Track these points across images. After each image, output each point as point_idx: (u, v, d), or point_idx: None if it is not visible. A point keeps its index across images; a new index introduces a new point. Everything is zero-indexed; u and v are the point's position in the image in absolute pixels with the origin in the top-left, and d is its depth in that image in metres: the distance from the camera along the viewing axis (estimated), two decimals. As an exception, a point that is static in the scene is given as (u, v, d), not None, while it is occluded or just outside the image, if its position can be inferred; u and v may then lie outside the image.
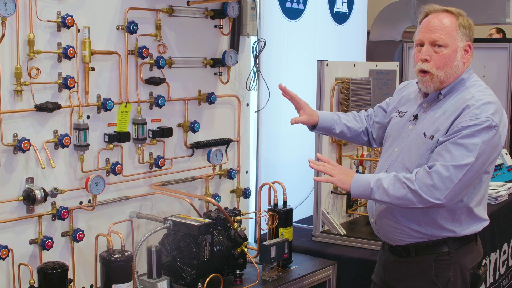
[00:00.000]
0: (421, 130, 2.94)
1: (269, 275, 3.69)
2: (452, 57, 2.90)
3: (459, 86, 2.95)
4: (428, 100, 3.02)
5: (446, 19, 2.91)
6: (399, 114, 3.15)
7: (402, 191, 2.80)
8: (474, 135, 2.77)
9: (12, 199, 3.07)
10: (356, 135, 3.44)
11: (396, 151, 3.04)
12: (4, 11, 2.83)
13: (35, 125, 3.13)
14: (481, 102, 2.83)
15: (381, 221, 3.08)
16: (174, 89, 3.75)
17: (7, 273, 3.09)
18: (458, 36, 2.91)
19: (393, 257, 3.11)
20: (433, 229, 2.94)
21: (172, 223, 3.45)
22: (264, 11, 4.37)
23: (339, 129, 3.39)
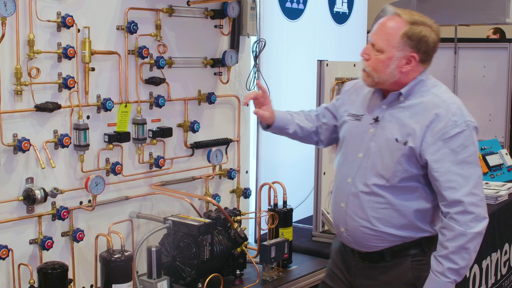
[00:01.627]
0: (390, 135, 2.84)
1: (269, 275, 3.69)
2: (386, 63, 2.81)
3: (419, 87, 2.86)
4: (388, 102, 2.91)
5: (393, 25, 2.80)
6: (355, 118, 3.02)
7: (467, 249, 2.73)
8: (465, 145, 2.75)
9: (12, 199, 3.08)
10: (308, 135, 3.31)
11: (360, 157, 2.93)
12: (4, 11, 2.83)
13: (35, 125, 3.13)
14: (454, 106, 2.79)
15: (354, 229, 2.94)
16: (174, 89, 3.75)
17: (7, 273, 3.09)
18: (398, 45, 2.78)
19: (364, 263, 3.01)
20: (410, 231, 2.88)
21: (172, 223, 3.45)
22: (264, 11, 4.37)
23: (292, 129, 3.26)
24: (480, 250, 2.91)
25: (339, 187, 3.04)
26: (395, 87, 2.88)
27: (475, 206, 2.73)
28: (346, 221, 2.97)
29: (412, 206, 2.86)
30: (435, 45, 2.86)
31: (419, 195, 2.86)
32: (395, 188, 2.85)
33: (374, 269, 2.98)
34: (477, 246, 2.77)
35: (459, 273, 2.77)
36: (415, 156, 2.80)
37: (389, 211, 2.87)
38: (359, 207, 2.91)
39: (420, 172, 2.83)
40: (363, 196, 2.90)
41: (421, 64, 2.85)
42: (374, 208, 2.88)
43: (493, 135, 6.91)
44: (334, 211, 3.08)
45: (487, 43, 7.58)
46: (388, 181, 2.84)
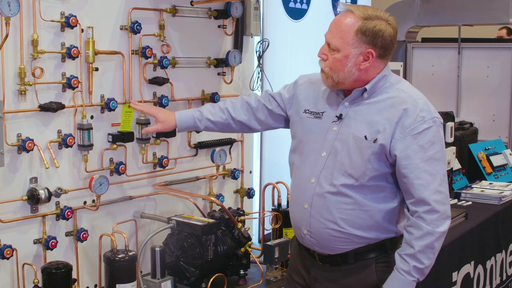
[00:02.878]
0: (357, 132, 2.79)
1: (273, 275, 3.69)
2: (343, 62, 2.75)
3: (382, 82, 2.82)
4: (351, 98, 2.85)
5: (345, 21, 2.75)
6: (315, 115, 2.95)
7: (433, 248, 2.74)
8: (433, 142, 2.73)
9: (16, 199, 3.08)
10: (224, 127, 3.27)
11: (323, 156, 2.86)
12: (7, 11, 2.83)
13: (39, 125, 3.13)
14: (421, 102, 2.77)
15: (319, 231, 2.87)
16: (177, 89, 3.75)
17: (11, 273, 3.10)
18: (353, 42, 2.73)
19: (325, 266, 2.95)
20: (377, 232, 2.85)
21: (176, 223, 3.45)
22: (268, 11, 4.37)
23: (202, 125, 3.24)
24: (483, 250, 2.89)
25: (300, 187, 2.94)
26: (356, 85, 2.83)
27: (441, 204, 2.72)
28: (309, 223, 2.90)
29: (380, 206, 2.82)
30: (392, 39, 2.79)
31: (387, 194, 2.83)
32: (363, 188, 2.80)
33: (336, 272, 2.93)
34: (440, 245, 2.77)
35: (423, 272, 2.76)
36: (385, 153, 2.76)
37: (356, 212, 2.82)
38: (325, 208, 2.84)
39: (389, 170, 2.79)
40: (330, 196, 2.83)
41: (380, 59, 2.80)
42: (341, 209, 2.82)
43: (497, 135, 6.91)
44: (295, 213, 2.99)
45: (490, 43, 7.57)
46: (357, 180, 2.79)
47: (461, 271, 4.26)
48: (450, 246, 4.10)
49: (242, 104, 3.26)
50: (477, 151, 5.90)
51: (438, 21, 7.61)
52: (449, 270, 4.12)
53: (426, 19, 7.56)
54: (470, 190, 5.29)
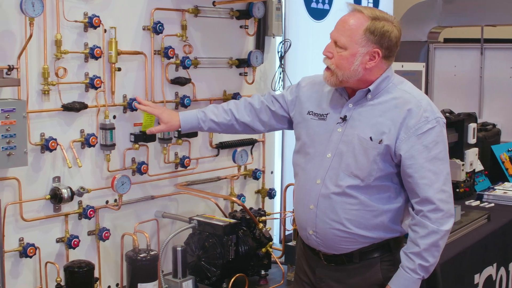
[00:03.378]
0: (362, 133, 2.80)
1: (294, 276, 3.68)
2: (349, 60, 2.77)
3: (386, 83, 2.84)
4: (355, 100, 2.86)
5: (354, 21, 2.78)
6: (319, 117, 2.96)
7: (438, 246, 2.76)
8: (436, 141, 2.75)
9: (39, 198, 3.10)
10: (228, 128, 3.27)
11: (329, 157, 2.87)
12: (32, 12, 2.85)
13: (62, 125, 3.15)
14: (424, 102, 2.79)
15: (325, 232, 2.89)
16: (199, 89, 3.76)
17: (34, 271, 3.12)
18: (361, 41, 2.75)
19: (330, 266, 2.97)
20: (381, 232, 2.87)
21: (197, 223, 3.46)
22: (290, 12, 4.36)
23: (206, 126, 3.22)
24: (506, 252, 2.86)
25: (306, 188, 2.96)
26: (359, 85, 2.85)
27: (445, 203, 2.75)
28: (315, 223, 2.91)
29: (385, 206, 2.84)
30: (397, 41, 2.83)
31: (391, 194, 2.85)
32: (369, 188, 2.81)
33: (341, 271, 2.95)
34: (444, 243, 2.80)
35: (428, 270, 2.78)
36: (390, 154, 2.78)
37: (362, 212, 2.83)
38: (331, 209, 2.86)
39: (394, 170, 2.82)
40: (335, 197, 2.84)
41: (385, 60, 2.82)
42: (346, 209, 2.84)
43: (520, 137, 6.86)
44: (301, 213, 3.01)
45: (511, 44, 7.53)
46: (363, 180, 2.81)
47: (483, 273, 4.22)
48: (472, 248, 4.07)
49: (246, 106, 3.26)
50: (500, 153, 5.85)
51: (461, 21, 7.58)
52: (471, 272, 4.09)
53: (448, 19, 7.52)
54: (492, 191, 5.26)
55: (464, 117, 5.38)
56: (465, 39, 7.83)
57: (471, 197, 5.29)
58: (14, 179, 2.98)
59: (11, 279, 3.04)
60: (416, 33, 7.69)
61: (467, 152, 5.28)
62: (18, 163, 2.89)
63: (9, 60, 2.91)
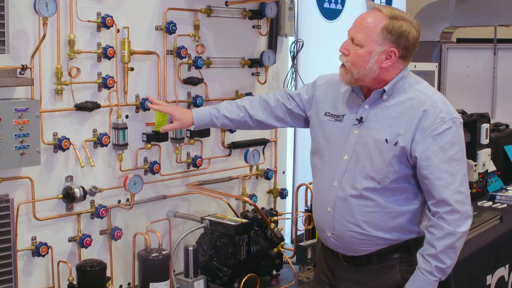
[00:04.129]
0: (378, 135, 2.79)
1: (306, 276, 3.68)
2: (365, 58, 2.75)
3: (401, 84, 2.82)
4: (371, 101, 2.85)
5: (372, 19, 2.76)
6: (335, 118, 2.95)
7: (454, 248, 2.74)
8: (453, 142, 2.73)
9: (52, 197, 3.11)
10: (241, 124, 3.25)
11: (345, 159, 2.86)
12: (45, 12, 2.86)
13: (74, 124, 3.16)
14: (440, 102, 2.77)
15: (343, 234, 2.88)
16: (212, 89, 3.76)
17: (47, 270, 3.13)
18: (378, 39, 2.73)
19: (349, 267, 2.96)
20: (400, 234, 2.85)
21: (209, 222, 3.46)
22: (302, 12, 4.36)
23: (219, 122, 3.20)
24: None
25: (323, 190, 2.94)
26: (374, 85, 2.83)
27: (462, 204, 2.72)
28: (333, 226, 2.90)
29: (402, 208, 2.82)
30: (415, 42, 2.80)
31: (408, 196, 2.83)
32: (385, 190, 2.80)
33: (360, 272, 2.93)
34: (462, 245, 2.77)
35: (445, 272, 2.75)
36: (406, 155, 2.76)
37: (379, 215, 2.82)
38: (348, 211, 2.85)
39: (410, 172, 2.79)
40: (352, 200, 2.83)
41: (401, 60, 2.80)
42: (363, 212, 2.82)
43: (533, 137, 6.82)
44: (319, 215, 2.99)
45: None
46: (379, 183, 2.79)
47: (495, 274, 4.21)
48: (484, 249, 4.06)
49: (260, 102, 3.24)
50: (513, 153, 5.84)
51: (474, 21, 7.56)
52: (483, 273, 4.08)
53: (461, 19, 7.50)
54: (505, 192, 5.24)
55: (477, 118, 5.37)
56: (478, 39, 7.81)
57: (483, 197, 5.27)
58: (27, 178, 3.00)
59: (23, 278, 3.05)
60: (429, 33, 7.66)
61: (479, 152, 5.27)
62: (31, 162, 2.90)
63: (23, 60, 2.92)
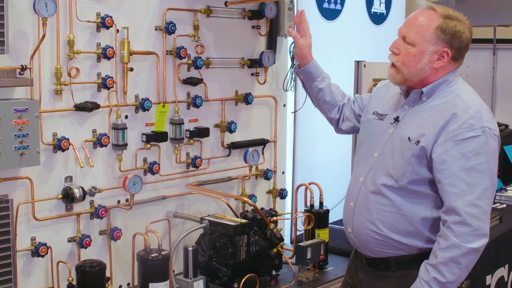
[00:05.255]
0: (405, 134, 2.74)
1: (305, 276, 3.68)
2: (417, 58, 2.70)
3: (443, 87, 2.75)
4: (410, 101, 2.81)
5: (426, 18, 2.70)
6: (379, 117, 2.94)
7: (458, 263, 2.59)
8: (478, 152, 2.60)
9: (51, 197, 3.12)
10: (332, 104, 3.23)
11: (375, 156, 2.84)
12: (45, 12, 2.86)
13: (74, 125, 3.16)
14: (474, 109, 2.64)
15: (360, 231, 2.85)
16: (211, 89, 3.76)
17: (46, 270, 3.13)
18: (431, 39, 2.68)
19: (370, 270, 2.90)
20: (417, 240, 2.75)
21: (208, 223, 3.46)
22: (302, 12, 4.36)
23: (322, 84, 3.17)
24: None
25: (351, 186, 2.95)
26: (420, 86, 2.78)
27: (475, 219, 2.57)
28: (352, 221, 2.88)
29: (420, 213, 2.72)
30: (468, 43, 2.75)
31: (430, 203, 2.72)
32: (404, 191, 2.73)
33: (379, 277, 2.88)
34: (471, 263, 2.63)
35: (445, 286, 2.61)
36: (426, 157, 2.68)
37: (395, 216, 2.76)
38: (366, 207, 2.82)
39: (431, 176, 2.69)
40: (371, 196, 2.80)
41: (453, 62, 2.75)
42: (379, 210, 2.78)
43: (533, 139, 6.82)
44: (344, 211, 2.98)
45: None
46: (397, 181, 2.73)
47: (495, 275, 4.21)
48: (484, 249, 4.05)
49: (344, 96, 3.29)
50: (512, 153, 5.83)
51: (473, 21, 7.46)
52: (483, 273, 4.07)
53: (461, 19, 7.49)
54: (504, 192, 5.23)
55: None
56: (478, 39, 7.77)
57: (483, 198, 5.25)
58: (27, 178, 3.00)
59: (23, 278, 3.05)
60: (429, 33, 7.65)
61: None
62: (31, 162, 2.90)
63: (22, 60, 2.92)
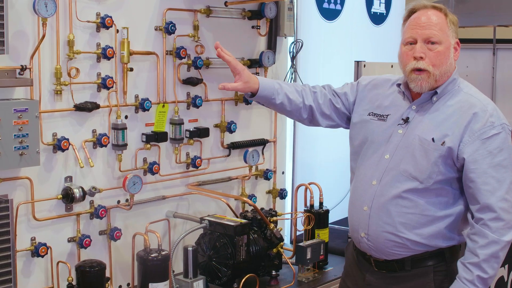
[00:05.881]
0: (425, 135, 2.73)
1: (305, 276, 3.68)
2: (446, 54, 2.74)
3: (452, 86, 2.79)
4: (420, 102, 2.80)
5: (437, 15, 2.75)
6: (378, 118, 2.90)
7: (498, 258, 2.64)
8: (501, 148, 2.65)
9: (51, 197, 3.12)
10: (296, 109, 3.04)
11: (387, 158, 2.80)
12: (44, 12, 2.86)
13: (74, 125, 3.17)
14: (490, 107, 2.71)
15: (376, 235, 2.80)
16: (211, 89, 3.76)
17: (46, 270, 3.13)
18: (450, 33, 2.75)
19: (380, 272, 2.87)
20: (436, 240, 2.75)
21: (208, 223, 3.46)
22: (301, 12, 4.37)
23: (279, 99, 2.98)
24: None
25: (360, 189, 2.89)
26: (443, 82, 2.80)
27: (507, 213, 2.63)
28: (368, 225, 2.83)
29: (442, 212, 2.74)
30: None
31: (449, 200, 2.75)
32: (427, 192, 2.73)
33: (391, 278, 2.85)
34: (505, 255, 2.67)
35: (486, 282, 2.65)
36: (451, 157, 2.69)
37: (417, 217, 2.74)
38: (385, 211, 2.77)
39: (455, 175, 2.71)
40: (391, 199, 2.76)
41: None
42: (401, 213, 2.75)
43: (532, 139, 6.81)
44: (354, 215, 2.92)
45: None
46: (422, 183, 2.72)
47: (495, 275, 4.21)
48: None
49: (311, 93, 3.10)
50: (512, 154, 5.82)
51: (473, 21, 7.54)
52: (482, 273, 4.07)
53: (461, 19, 7.41)
54: (504, 192, 5.22)
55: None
56: (478, 40, 7.80)
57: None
58: (26, 178, 3.00)
59: (23, 278, 3.05)
60: (428, 33, 7.65)
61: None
62: (31, 162, 2.90)
63: (22, 60, 2.93)
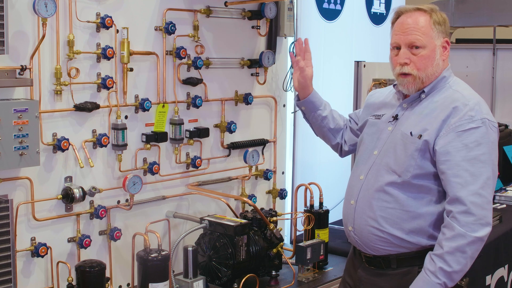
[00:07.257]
0: (406, 130, 2.79)
1: (305, 276, 3.68)
2: (431, 57, 2.78)
3: (441, 84, 2.83)
4: (409, 100, 2.87)
5: (420, 18, 2.78)
6: (375, 117, 3.01)
7: (464, 252, 2.61)
8: (479, 142, 2.66)
9: (51, 197, 3.12)
10: (337, 130, 3.29)
11: (375, 154, 2.88)
12: (44, 12, 2.86)
13: (74, 125, 3.17)
14: (473, 102, 2.73)
15: (361, 229, 2.86)
16: (211, 89, 3.76)
17: (46, 271, 3.13)
18: (434, 34, 2.78)
19: (370, 269, 2.91)
20: (419, 237, 2.77)
21: (208, 223, 3.46)
22: (301, 12, 4.36)
23: (325, 113, 3.22)
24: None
25: (351, 184, 2.98)
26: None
27: (479, 208, 2.62)
28: (353, 219, 2.89)
29: (423, 208, 2.76)
30: None
31: (432, 198, 2.76)
32: (407, 186, 2.76)
33: (380, 276, 2.89)
34: (475, 252, 2.66)
35: (451, 276, 2.63)
36: (429, 151, 2.72)
37: (397, 212, 2.78)
38: (368, 205, 2.83)
39: (434, 170, 2.74)
40: (373, 193, 2.82)
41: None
42: (382, 207, 2.80)
43: (532, 139, 6.81)
44: (344, 209, 3.00)
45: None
46: (400, 176, 2.76)
47: (495, 275, 4.21)
48: (484, 249, 4.03)
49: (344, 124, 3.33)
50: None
51: (473, 21, 7.54)
52: (483, 273, 4.07)
53: (461, 19, 7.49)
54: (504, 193, 5.23)
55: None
56: (478, 40, 7.80)
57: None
58: (26, 178, 3.00)
59: (22, 278, 3.05)
60: (428, 33, 7.65)
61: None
62: (31, 162, 2.90)
63: (22, 61, 2.93)
